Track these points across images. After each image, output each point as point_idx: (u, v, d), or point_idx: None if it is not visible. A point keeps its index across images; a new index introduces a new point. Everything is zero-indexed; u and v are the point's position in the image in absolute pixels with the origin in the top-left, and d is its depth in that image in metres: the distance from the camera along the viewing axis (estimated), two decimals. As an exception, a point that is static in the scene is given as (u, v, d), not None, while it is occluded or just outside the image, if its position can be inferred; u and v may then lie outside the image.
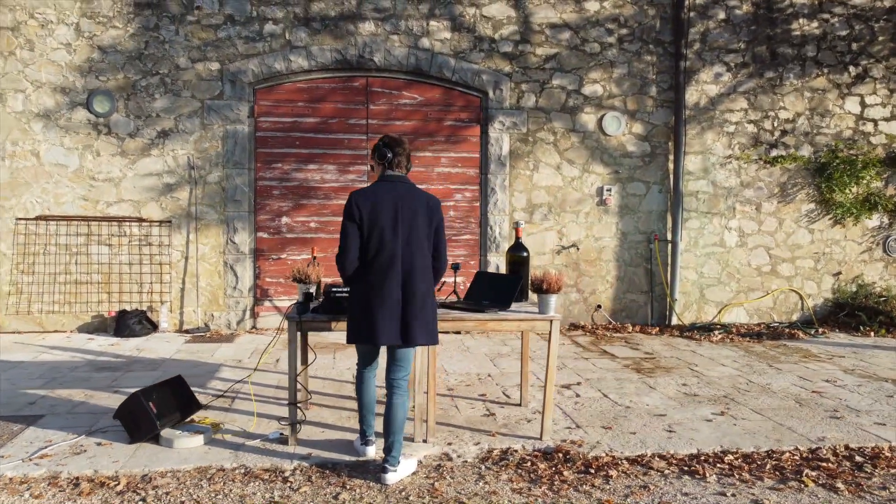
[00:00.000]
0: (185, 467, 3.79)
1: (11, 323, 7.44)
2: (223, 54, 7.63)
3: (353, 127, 7.97)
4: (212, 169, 7.68)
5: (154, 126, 7.57)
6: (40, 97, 7.40)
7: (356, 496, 3.52)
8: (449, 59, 7.96)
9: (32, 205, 7.43)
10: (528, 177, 8.20)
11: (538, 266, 8.24)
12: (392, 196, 3.66)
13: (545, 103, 8.17)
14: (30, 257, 7.43)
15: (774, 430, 4.53)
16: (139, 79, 7.53)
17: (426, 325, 3.66)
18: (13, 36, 7.33)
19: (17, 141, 7.38)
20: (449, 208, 8.15)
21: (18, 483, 3.59)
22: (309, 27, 7.73)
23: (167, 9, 7.53)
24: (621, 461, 4.00)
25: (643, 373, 6.08)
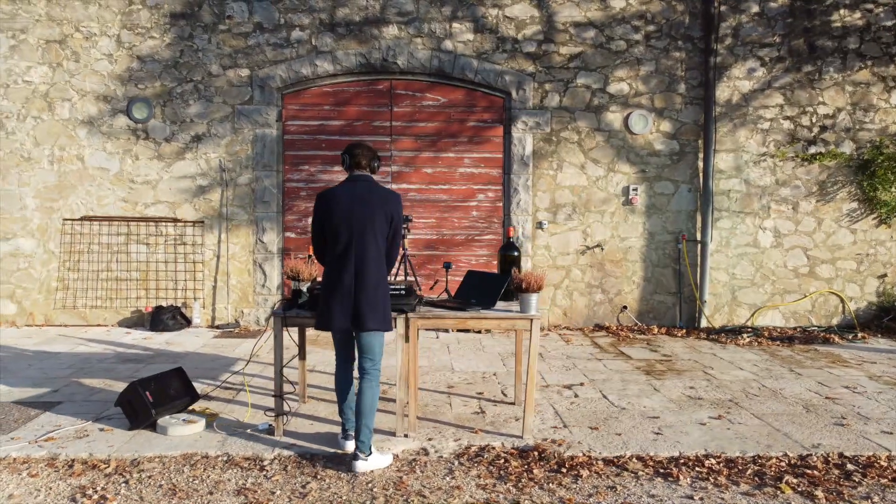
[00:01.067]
0: (172, 453, 4.01)
1: (59, 317, 7.96)
2: (252, 61, 7.93)
3: (378, 129, 8.14)
4: (242, 171, 7.99)
5: (188, 131, 7.94)
6: (85, 105, 7.88)
7: (324, 486, 3.64)
8: (471, 60, 8.02)
9: (77, 206, 7.92)
10: (551, 177, 8.17)
11: (562, 266, 8.20)
12: (349, 193, 3.85)
13: (569, 103, 8.12)
14: (75, 255, 7.92)
15: (769, 436, 4.41)
16: (174, 86, 7.91)
17: (377, 311, 3.80)
18: (60, 48, 7.83)
19: (63, 146, 7.88)
20: (472, 208, 8.21)
21: (20, 463, 3.88)
22: (334, 32, 7.94)
23: (200, 18, 7.89)
24: (597, 461, 3.99)
25: (653, 375, 5.99)
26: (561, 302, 8.22)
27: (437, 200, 8.19)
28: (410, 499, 3.50)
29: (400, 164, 8.16)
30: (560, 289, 8.22)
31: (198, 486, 3.61)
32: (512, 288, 4.38)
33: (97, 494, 3.50)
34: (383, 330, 3.87)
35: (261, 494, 3.52)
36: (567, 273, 8.21)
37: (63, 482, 3.65)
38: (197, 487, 3.60)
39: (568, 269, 8.22)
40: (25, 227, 7.89)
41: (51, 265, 7.92)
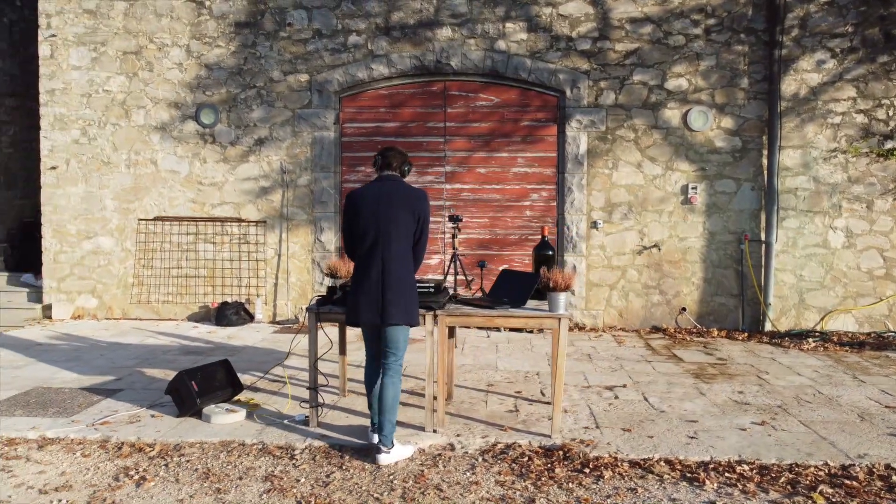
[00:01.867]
0: (212, 440, 4.23)
1: (135, 311, 8.48)
2: (311, 66, 8.20)
3: (432, 130, 8.25)
4: (301, 173, 8.28)
5: (251, 135, 8.30)
6: (158, 112, 8.36)
7: (347, 476, 3.77)
8: (525, 59, 8.01)
9: (151, 207, 8.41)
10: (606, 175, 8.05)
11: (618, 267, 8.06)
12: (376, 193, 3.96)
13: (625, 100, 7.98)
14: (149, 253, 8.42)
15: (812, 444, 4.22)
16: (239, 92, 8.28)
17: (403, 306, 3.89)
18: (136, 59, 8.34)
19: (139, 151, 8.39)
20: (525, 208, 8.20)
21: (76, 444, 4.20)
22: (389, 36, 8.11)
23: (263, 27, 8.22)
24: (622, 463, 3.93)
25: (702, 378, 5.82)
26: (616, 303, 8.09)
27: (490, 200, 8.22)
28: (428, 492, 3.57)
29: (453, 164, 8.24)
30: (615, 289, 8.08)
31: (230, 472, 3.81)
32: (540, 287, 4.38)
33: (138, 475, 3.74)
34: (407, 324, 3.95)
35: (286, 481, 3.68)
36: (623, 273, 8.07)
37: (110, 463, 3.92)
38: (229, 472, 3.79)
39: (623, 269, 8.07)
40: (105, 226, 8.45)
41: (127, 262, 8.45)
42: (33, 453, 4.05)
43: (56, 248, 8.50)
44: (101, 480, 3.68)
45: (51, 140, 8.45)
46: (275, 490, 3.57)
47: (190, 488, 3.59)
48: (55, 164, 8.45)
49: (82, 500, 3.45)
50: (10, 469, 3.82)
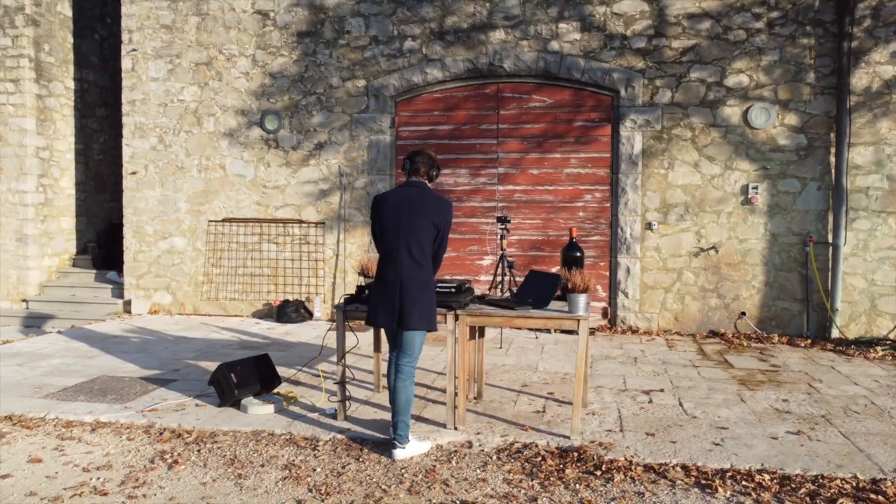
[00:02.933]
0: (244, 429, 4.49)
1: (204, 307, 8.99)
2: (368, 72, 8.45)
3: (485, 132, 8.32)
4: (358, 176, 8.54)
5: (312, 139, 8.63)
6: (226, 119, 8.84)
7: (361, 468, 3.91)
8: (578, 59, 7.95)
9: (220, 209, 8.90)
10: (662, 176, 7.87)
11: (673, 269, 7.87)
12: (400, 198, 4.05)
13: (682, 98, 7.78)
14: (217, 253, 8.92)
15: (846, 456, 4.03)
16: (300, 98, 8.64)
17: (421, 311, 3.97)
18: (207, 69, 8.85)
19: (209, 156, 8.90)
20: (578, 209, 8.13)
21: (124, 428, 4.55)
22: (443, 40, 8.25)
23: (322, 35, 8.54)
24: (636, 467, 3.89)
25: (748, 385, 5.62)
26: (672, 306, 7.89)
27: (542, 201, 8.21)
28: (434, 486, 3.66)
29: (506, 165, 8.28)
30: (671, 292, 7.89)
31: (254, 459, 4.03)
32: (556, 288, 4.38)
33: (171, 458, 4.03)
34: (424, 329, 4.05)
35: (303, 470, 3.86)
36: (678, 276, 7.87)
37: (150, 446, 4.24)
38: (253, 460, 4.02)
39: (679, 271, 7.87)
40: (179, 227, 9.01)
41: (198, 261, 8.98)
42: (86, 435, 4.42)
43: (136, 247, 9.13)
44: (138, 462, 3.99)
45: (132, 147, 9.09)
46: (291, 478, 3.76)
47: (215, 472, 3.84)
48: (135, 170, 9.08)
49: (118, 478, 3.75)
50: (62, 448, 4.19)
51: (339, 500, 3.50)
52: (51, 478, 3.76)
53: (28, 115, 9.42)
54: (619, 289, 7.98)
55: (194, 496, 3.55)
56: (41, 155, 9.64)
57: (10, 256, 9.52)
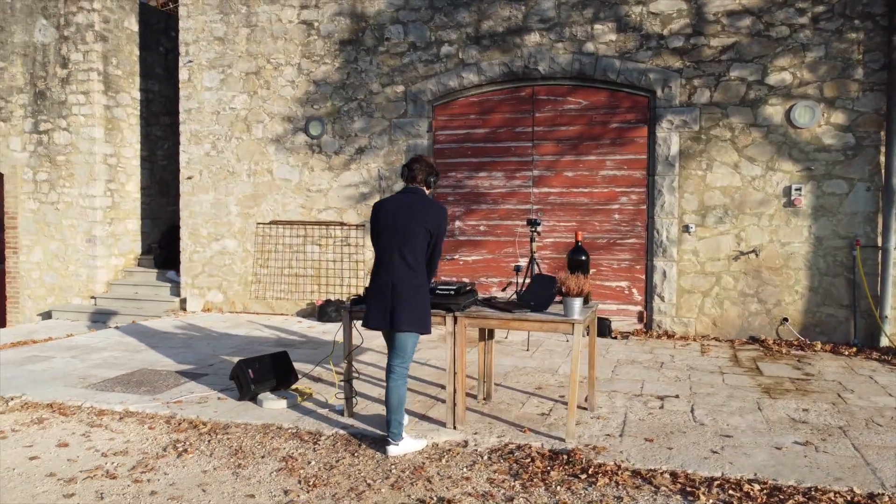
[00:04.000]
0: (255, 422, 4.73)
1: (253, 306, 9.41)
2: (406, 77, 8.64)
3: (520, 135, 8.35)
4: (397, 179, 8.73)
5: (353, 144, 8.89)
6: (273, 125, 9.22)
7: (354, 462, 4.07)
8: (614, 60, 7.87)
9: (267, 212, 9.29)
10: (700, 177, 7.69)
11: (712, 273, 7.67)
12: (397, 204, 4.19)
13: (721, 98, 7.58)
14: (265, 254, 9.31)
15: (849, 469, 3.88)
16: (342, 105, 8.92)
17: (412, 314, 4.08)
18: (256, 78, 9.26)
19: (257, 161, 9.30)
20: (613, 211, 8.05)
21: (148, 418, 4.87)
22: (479, 44, 8.33)
23: (363, 43, 8.79)
24: (624, 472, 3.88)
25: (771, 393, 5.45)
26: (710, 311, 7.70)
27: (577, 204, 8.17)
28: (417, 482, 3.77)
29: (541, 168, 8.29)
30: (709, 297, 7.70)
31: (257, 450, 4.25)
32: (554, 291, 4.41)
33: (182, 447, 4.30)
34: (415, 331, 4.16)
35: (299, 463, 4.05)
36: (717, 280, 7.67)
37: (167, 435, 4.53)
38: (256, 451, 4.24)
39: (718, 275, 7.67)
40: (230, 229, 9.46)
41: (247, 262, 9.40)
42: (113, 423, 4.77)
43: (191, 248, 9.65)
44: (152, 449, 4.28)
45: (188, 153, 9.61)
46: (285, 469, 3.96)
47: (217, 462, 4.08)
48: (191, 175, 9.60)
49: (130, 464, 4.05)
50: (89, 434, 4.54)
51: (324, 492, 3.67)
52: (72, 461, 4.10)
53: (97, 124, 10.11)
54: (655, 293, 7.84)
55: (193, 482, 3.79)
56: (109, 161, 10.32)
57: (80, 256, 10.24)
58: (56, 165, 10.26)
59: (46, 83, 10.29)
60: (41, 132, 10.33)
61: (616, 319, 8.03)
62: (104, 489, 3.70)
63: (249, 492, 3.68)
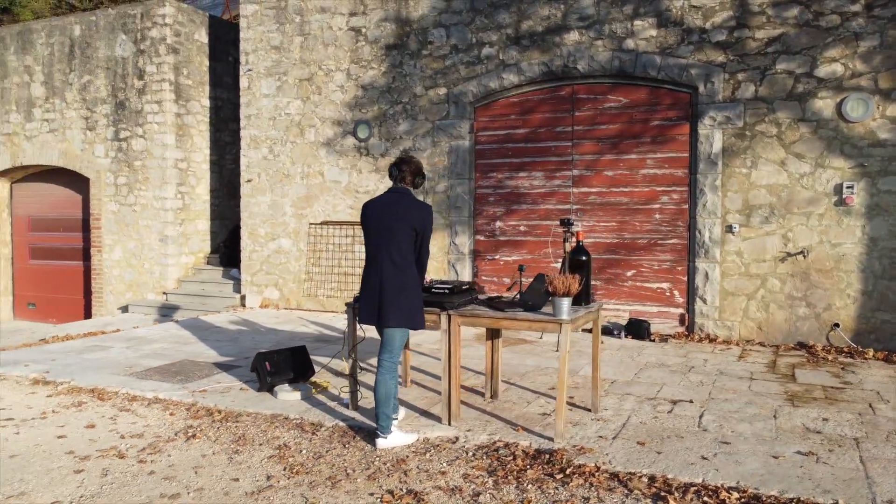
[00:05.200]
0: (265, 412, 4.98)
1: (306, 303, 9.80)
2: (449, 80, 8.76)
3: (560, 134, 8.30)
4: (439, 180, 8.88)
5: (398, 146, 9.11)
6: (324, 129, 9.58)
7: (342, 453, 4.24)
8: (654, 56, 7.70)
9: (318, 213, 9.66)
10: (744, 175, 7.40)
11: (757, 275, 7.36)
12: (383, 204, 4.33)
13: (766, 92, 7.27)
14: (317, 253, 9.68)
15: (844, 482, 3.69)
16: (388, 108, 9.15)
17: (399, 310, 4.20)
18: (308, 84, 9.65)
19: (310, 164, 9.69)
20: (654, 211, 7.86)
21: (172, 405, 5.23)
22: (519, 45, 8.35)
23: (408, 47, 8.98)
24: (601, 473, 3.85)
25: (795, 401, 5.21)
26: (755, 314, 7.39)
27: (617, 203, 8.04)
28: (393, 474, 3.90)
29: (581, 167, 8.20)
30: (754, 300, 7.39)
31: (257, 438, 4.50)
32: (542, 291, 4.41)
33: (193, 432, 4.61)
34: (402, 327, 4.28)
35: (291, 451, 4.26)
36: (762, 282, 7.35)
37: (184, 421, 4.86)
38: (256, 439, 4.49)
39: (763, 277, 7.35)
40: (285, 229, 9.90)
41: (300, 261, 9.80)
42: (140, 408, 5.16)
43: (251, 247, 10.16)
44: (165, 433, 4.61)
45: (248, 157, 10.13)
46: (276, 457, 4.18)
47: (219, 447, 4.35)
48: (250, 178, 10.11)
49: (142, 445, 4.39)
50: (116, 418, 4.94)
51: (303, 479, 3.85)
52: (93, 441, 4.48)
53: (168, 131, 10.81)
54: (697, 295, 7.61)
55: (189, 465, 4.07)
56: (179, 166, 11.01)
57: (154, 254, 10.98)
58: (133, 170, 11.05)
59: (125, 94, 11.10)
60: (121, 139, 11.15)
61: (656, 322, 7.84)
62: (110, 467, 4.03)
63: (235, 476, 3.91)
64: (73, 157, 11.61)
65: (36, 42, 11.89)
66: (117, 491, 3.73)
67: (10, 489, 3.75)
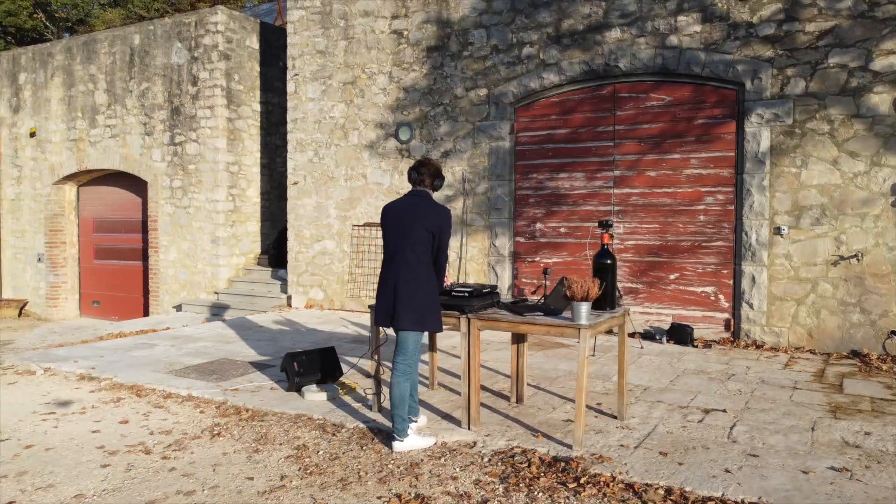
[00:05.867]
0: (290, 412, 5.05)
1: (349, 303, 9.91)
2: (489, 80, 8.71)
3: (601, 134, 8.13)
4: (479, 182, 8.83)
5: (439, 148, 9.11)
6: (367, 132, 9.67)
7: (359, 455, 4.25)
8: (698, 53, 7.45)
9: (361, 215, 9.75)
10: (793, 175, 7.08)
11: (807, 279, 7.03)
12: (402, 206, 4.33)
13: (818, 87, 6.93)
14: (359, 255, 9.77)
15: (876, 502, 3.47)
16: (429, 110, 9.16)
17: (413, 313, 4.20)
18: (352, 88, 9.76)
19: (353, 167, 9.79)
20: (699, 212, 7.61)
21: (203, 402, 5.37)
22: (559, 44, 8.22)
23: (449, 48, 8.98)
24: (616, 484, 3.74)
25: (838, 414, 4.94)
26: (805, 321, 7.06)
27: (660, 205, 7.82)
28: (405, 478, 3.88)
29: (622, 168, 8.02)
30: (804, 305, 7.06)
31: (278, 438, 4.57)
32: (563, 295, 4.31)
33: (218, 430, 4.71)
34: (416, 330, 4.27)
35: (309, 451, 4.30)
36: (813, 287, 7.01)
37: (212, 419, 4.98)
38: (277, 439, 4.56)
39: (814, 282, 7.01)
40: (329, 231, 10.04)
41: (344, 262, 9.92)
42: (173, 405, 5.31)
43: (296, 248, 10.35)
44: (192, 430, 4.73)
45: (294, 160, 10.32)
46: (293, 457, 4.23)
47: (240, 445, 4.44)
48: (296, 180, 10.30)
49: (168, 442, 4.51)
50: (149, 414, 5.10)
51: (315, 481, 3.88)
52: (124, 436, 4.64)
53: (220, 135, 11.13)
54: (744, 299, 7.32)
55: (209, 462, 4.16)
56: (230, 169, 11.32)
57: (206, 255, 11.32)
58: (187, 173, 11.42)
59: (180, 100, 11.48)
60: (176, 144, 11.54)
61: (700, 327, 7.59)
62: (135, 462, 4.16)
63: (251, 474, 3.98)
64: (133, 162, 12.09)
65: (100, 51, 12.44)
66: (138, 486, 3.84)
67: (39, 481, 3.92)
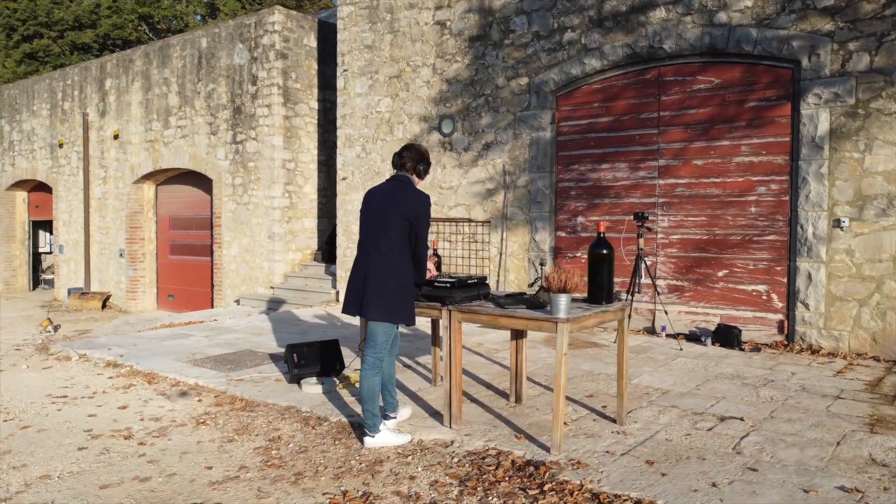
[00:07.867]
0: (281, 404, 4.98)
1: (394, 299, 9.81)
2: (530, 69, 8.37)
3: (645, 122, 7.63)
4: (520, 174, 8.51)
5: (480, 140, 8.86)
6: (412, 126, 9.55)
7: (329, 448, 4.11)
8: (750, 30, 6.83)
9: (405, 209, 9.63)
10: (856, 161, 6.35)
11: (871, 277, 6.28)
12: (381, 192, 4.16)
13: (884, 62, 6.18)
14: (403, 250, 9.65)
15: (881, 528, 2.97)
16: (471, 101, 8.93)
17: (382, 303, 3.99)
18: (397, 81, 9.67)
19: (398, 161, 9.69)
20: (750, 204, 6.98)
21: (205, 391, 5.39)
22: (602, 27, 7.79)
23: (490, 37, 8.71)
24: (582, 493, 3.40)
25: (877, 428, 4.34)
26: (868, 323, 6.31)
27: (708, 195, 7.23)
28: (360, 475, 3.70)
29: (668, 157, 7.48)
30: (867, 306, 6.31)
31: (258, 429, 4.49)
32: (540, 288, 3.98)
33: (204, 419, 4.70)
34: (385, 321, 4.06)
35: (280, 443, 4.20)
36: (878, 286, 6.26)
37: (204, 408, 4.98)
38: (257, 429, 4.48)
39: (880, 280, 6.26)
40: (375, 226, 9.98)
41: (389, 257, 9.83)
42: (175, 393, 5.36)
43: (344, 244, 10.38)
44: (183, 418, 4.74)
45: (343, 156, 10.36)
46: (262, 448, 4.13)
47: (219, 434, 4.39)
48: (345, 176, 10.33)
49: (152, 429, 4.53)
50: (148, 401, 5.17)
51: (270, 473, 3.77)
52: (115, 421, 4.71)
53: (277, 133, 11.35)
54: (798, 299, 6.64)
55: (180, 450, 4.13)
56: (287, 166, 11.51)
57: (263, 251, 11.57)
58: (247, 171, 11.72)
59: (241, 99, 11.80)
60: (238, 142, 11.88)
61: (750, 329, 6.95)
62: (112, 447, 4.20)
63: (212, 464, 3.91)
64: (200, 161, 12.54)
65: (172, 56, 13.00)
66: (102, 469, 3.86)
67: (16, 460, 4.01)
